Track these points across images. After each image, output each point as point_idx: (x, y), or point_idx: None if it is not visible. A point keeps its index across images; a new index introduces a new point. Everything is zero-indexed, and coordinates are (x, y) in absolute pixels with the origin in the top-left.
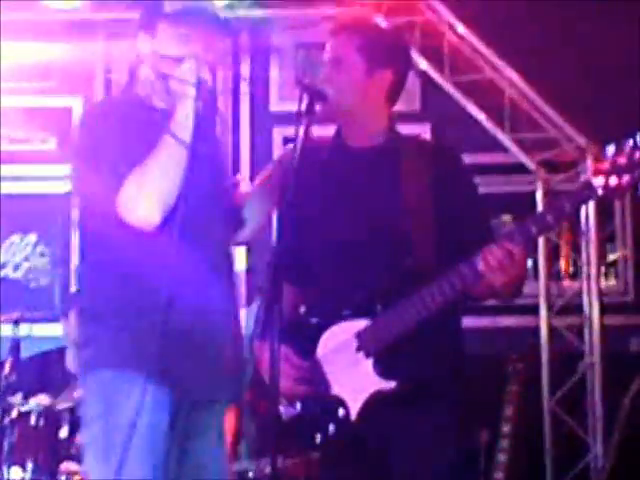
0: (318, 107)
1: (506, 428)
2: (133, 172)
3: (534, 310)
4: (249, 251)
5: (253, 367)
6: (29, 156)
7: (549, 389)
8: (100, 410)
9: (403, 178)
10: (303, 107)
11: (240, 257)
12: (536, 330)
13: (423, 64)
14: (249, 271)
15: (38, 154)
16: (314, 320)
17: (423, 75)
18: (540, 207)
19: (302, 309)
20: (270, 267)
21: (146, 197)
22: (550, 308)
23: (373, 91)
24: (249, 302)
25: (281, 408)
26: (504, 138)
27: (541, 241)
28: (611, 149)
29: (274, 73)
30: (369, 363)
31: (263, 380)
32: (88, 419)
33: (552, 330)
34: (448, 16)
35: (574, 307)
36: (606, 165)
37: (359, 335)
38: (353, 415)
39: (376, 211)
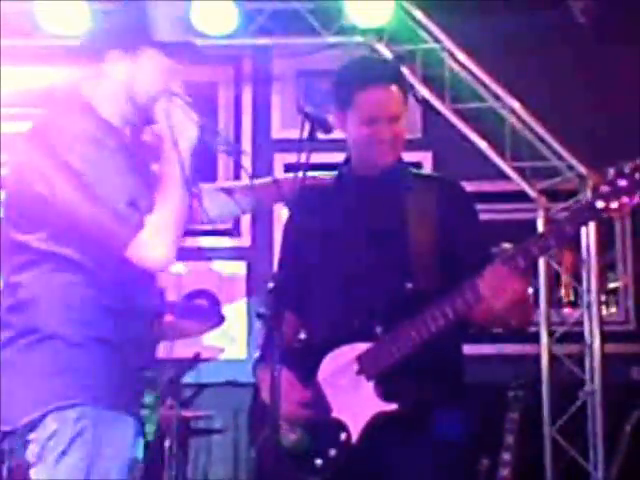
0: (320, 135)
1: (506, 456)
2: (148, 219)
3: (535, 338)
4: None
5: (254, 392)
6: None
7: (550, 417)
8: (88, 444)
9: (407, 205)
10: (305, 135)
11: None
12: (537, 358)
13: (424, 92)
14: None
15: None
16: (315, 344)
17: (424, 103)
18: None
19: (302, 334)
20: (271, 293)
21: (163, 242)
22: (551, 336)
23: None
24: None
25: (282, 433)
26: (505, 166)
27: (542, 268)
28: (612, 172)
29: (276, 100)
30: (370, 386)
31: (264, 404)
32: (63, 452)
33: (553, 358)
34: (449, 44)
35: (575, 335)
36: (607, 187)
37: (360, 358)
38: (354, 438)
39: (379, 236)
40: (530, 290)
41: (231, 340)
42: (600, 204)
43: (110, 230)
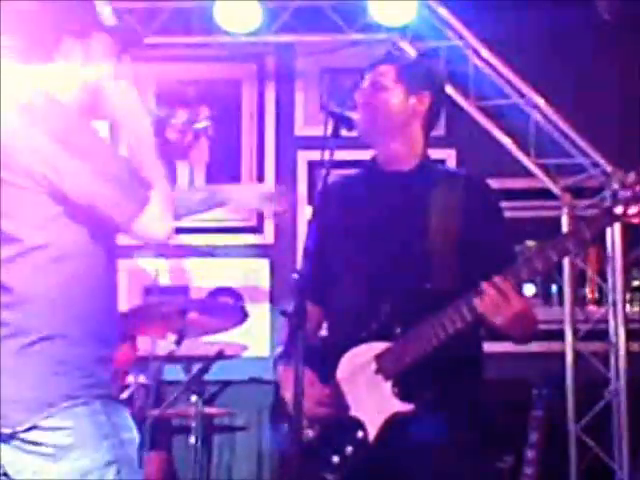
0: (344, 132)
1: (531, 454)
2: (154, 194)
3: (559, 335)
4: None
5: (275, 389)
6: None
7: (575, 415)
8: (110, 435)
9: (431, 203)
10: (328, 132)
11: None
12: (561, 356)
13: (448, 89)
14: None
15: None
16: (335, 342)
17: (448, 100)
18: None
19: (323, 330)
20: (294, 291)
21: (169, 215)
22: (575, 334)
23: (410, 116)
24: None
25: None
26: (529, 163)
27: (567, 266)
28: (631, 177)
29: (299, 97)
30: (388, 385)
31: (285, 403)
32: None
33: (577, 356)
34: (473, 41)
35: (600, 333)
36: (626, 192)
37: (378, 357)
38: (371, 437)
39: (400, 234)
40: (554, 288)
41: (254, 337)
42: (619, 209)
43: (117, 203)
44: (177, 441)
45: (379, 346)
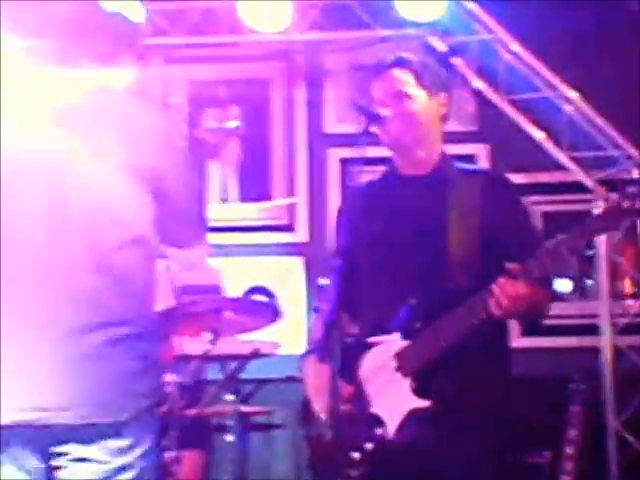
0: (374, 129)
1: (569, 450)
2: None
3: (596, 330)
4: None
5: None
6: None
7: (614, 410)
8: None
9: (451, 204)
10: (360, 129)
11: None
12: (598, 350)
13: (479, 84)
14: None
15: None
16: (356, 339)
17: (479, 95)
18: None
19: (354, 328)
20: (323, 289)
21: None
22: (613, 327)
23: (434, 121)
24: None
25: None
26: (562, 157)
27: (602, 261)
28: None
29: (329, 95)
30: (407, 382)
31: (308, 400)
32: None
33: (615, 350)
34: (503, 35)
35: (637, 327)
36: (633, 187)
37: (398, 355)
38: (390, 434)
39: (422, 235)
40: (590, 282)
41: (290, 335)
42: (626, 203)
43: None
44: (214, 440)
45: (399, 344)
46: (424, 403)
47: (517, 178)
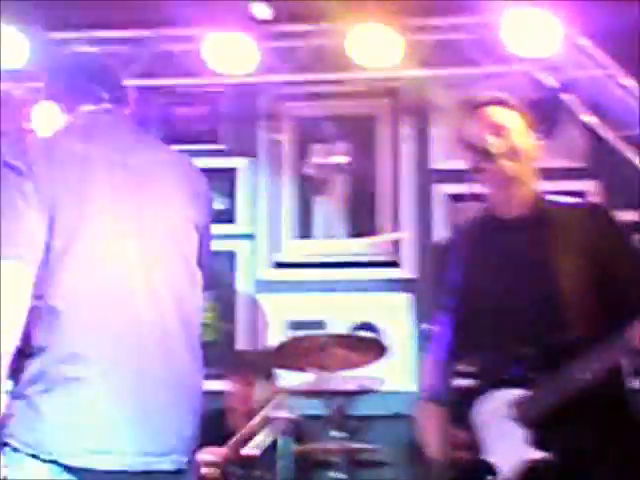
0: (484, 166)
1: None
2: None
3: None
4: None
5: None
6: None
7: None
8: None
9: (554, 248)
10: (469, 165)
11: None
12: None
13: (591, 119)
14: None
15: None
16: (470, 385)
17: (590, 131)
18: None
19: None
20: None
21: None
22: None
23: (533, 156)
24: None
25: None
26: None
27: None
28: None
29: (435, 131)
30: (523, 432)
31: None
32: None
33: None
34: (615, 70)
35: None
36: None
37: (515, 404)
38: None
39: (528, 282)
40: None
41: (397, 372)
42: None
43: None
44: (319, 477)
45: (514, 392)
46: (542, 455)
47: (628, 215)
